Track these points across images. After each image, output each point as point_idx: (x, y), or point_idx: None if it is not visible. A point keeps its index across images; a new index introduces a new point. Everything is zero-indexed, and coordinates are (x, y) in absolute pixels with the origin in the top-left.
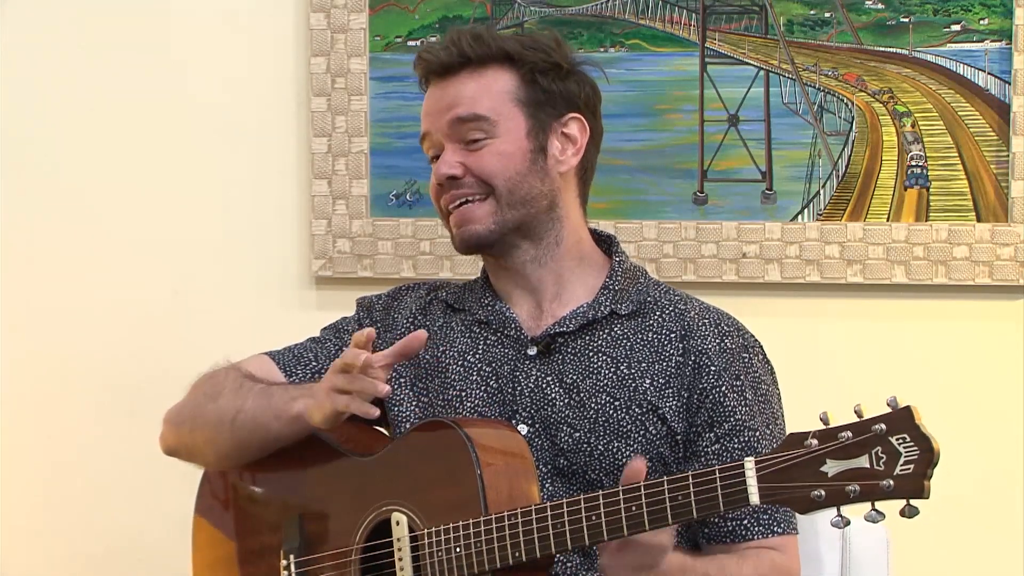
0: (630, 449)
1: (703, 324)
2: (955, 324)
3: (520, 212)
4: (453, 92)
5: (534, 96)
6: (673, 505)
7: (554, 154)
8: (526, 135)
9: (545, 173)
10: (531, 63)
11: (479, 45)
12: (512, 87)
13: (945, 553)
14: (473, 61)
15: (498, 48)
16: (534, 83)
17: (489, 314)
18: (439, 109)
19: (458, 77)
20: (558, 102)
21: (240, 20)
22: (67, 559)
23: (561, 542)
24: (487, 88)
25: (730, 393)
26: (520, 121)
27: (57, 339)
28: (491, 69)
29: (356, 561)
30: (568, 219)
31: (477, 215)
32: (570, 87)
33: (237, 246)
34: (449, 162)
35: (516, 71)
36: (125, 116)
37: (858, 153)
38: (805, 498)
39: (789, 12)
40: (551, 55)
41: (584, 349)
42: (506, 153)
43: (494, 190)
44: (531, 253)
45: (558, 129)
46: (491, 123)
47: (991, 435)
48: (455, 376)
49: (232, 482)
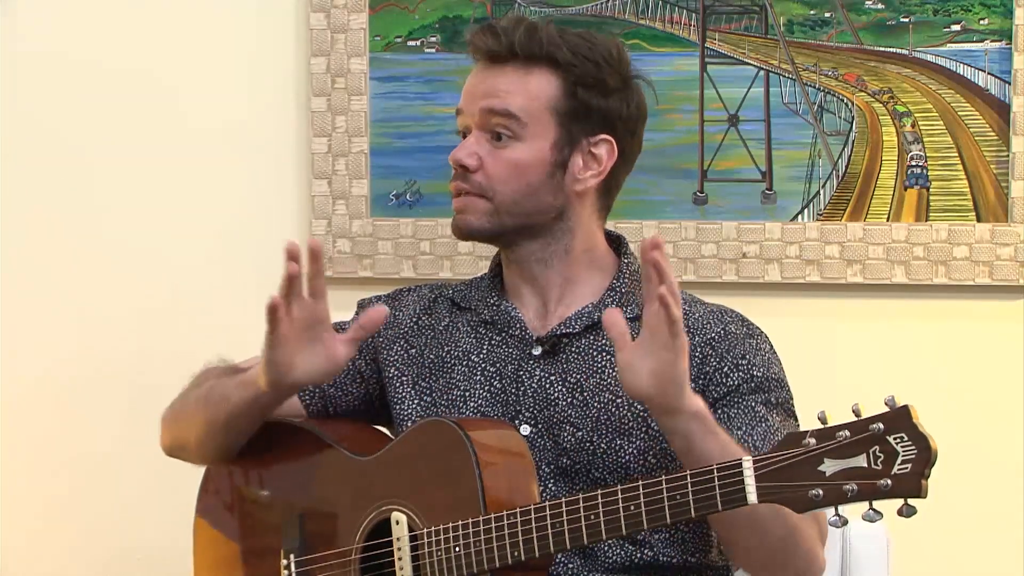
0: (632, 447)
1: (708, 322)
2: (955, 324)
3: (520, 220)
4: (493, 82)
5: (572, 108)
6: (671, 504)
7: (573, 171)
8: (551, 146)
9: (559, 188)
10: (577, 75)
11: (531, 42)
12: (552, 94)
13: (945, 553)
14: (520, 56)
15: (548, 51)
16: (575, 95)
17: (495, 313)
18: (476, 94)
19: (503, 68)
20: (594, 119)
21: (240, 20)
22: (67, 559)
23: (560, 541)
24: (527, 88)
25: (734, 371)
26: (550, 130)
27: (56, 339)
28: (537, 69)
29: (356, 561)
30: (580, 229)
31: (474, 209)
32: (612, 105)
33: (237, 246)
34: (468, 150)
35: (561, 79)
36: (125, 116)
37: (858, 153)
38: (803, 497)
39: (789, 12)
40: (601, 70)
41: (588, 349)
42: (523, 163)
43: (495, 196)
44: (537, 254)
45: (586, 147)
46: (520, 124)
47: (991, 435)
48: (459, 376)
49: (233, 482)
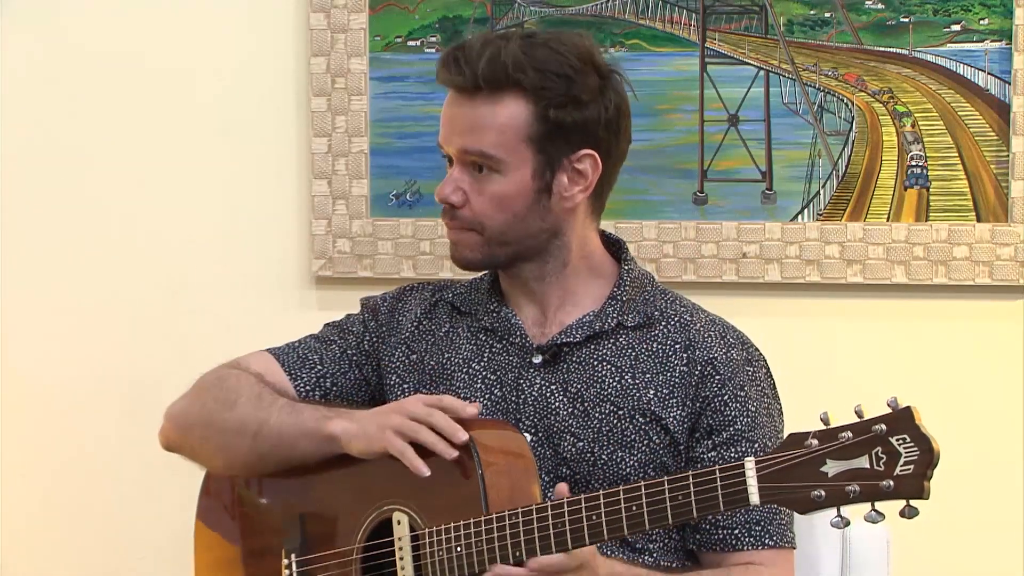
0: (633, 459)
1: (708, 336)
2: (955, 324)
3: (512, 248)
4: (466, 118)
5: (547, 131)
6: (673, 504)
7: (560, 192)
8: (532, 175)
9: (547, 211)
10: (547, 98)
11: (494, 72)
12: (524, 122)
13: (945, 553)
14: (485, 88)
15: (514, 78)
16: (547, 119)
17: (495, 320)
18: (452, 129)
19: (472, 101)
20: (572, 136)
21: (240, 20)
22: (67, 559)
23: (561, 541)
24: (497, 122)
25: (732, 402)
26: (528, 159)
27: (56, 339)
28: (505, 98)
29: (357, 561)
30: (574, 241)
31: (466, 243)
32: (588, 115)
33: (237, 246)
34: (453, 186)
35: (531, 103)
36: (125, 116)
37: (858, 153)
38: (805, 498)
39: (789, 12)
40: (572, 84)
41: (589, 359)
42: (506, 196)
43: (485, 229)
44: (535, 272)
45: (568, 165)
46: (497, 160)
47: (991, 435)
48: (460, 384)
49: (234, 482)
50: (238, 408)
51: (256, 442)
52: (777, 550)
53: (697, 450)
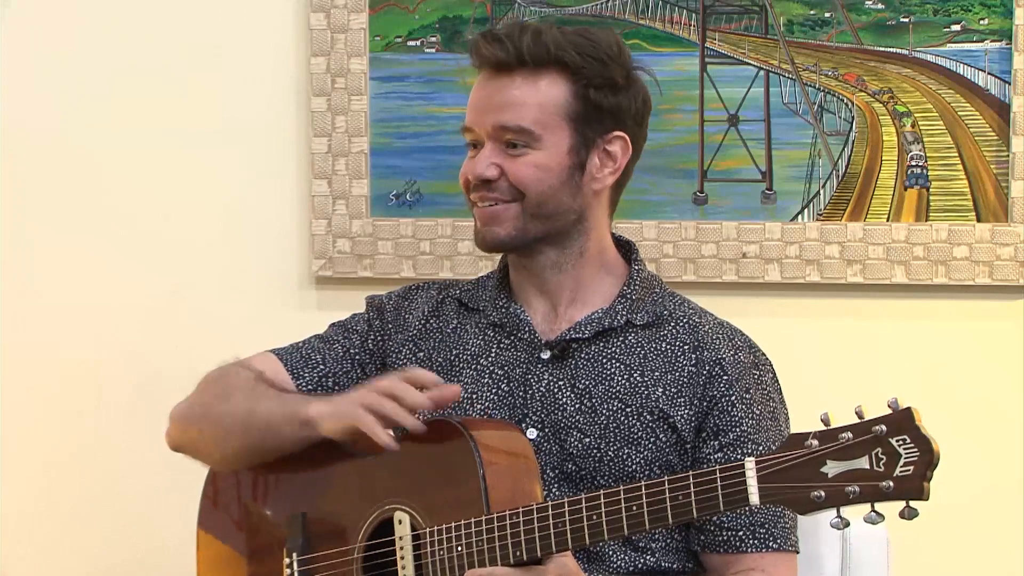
0: (640, 456)
1: (717, 337)
2: (955, 324)
3: (545, 225)
4: (504, 94)
5: (584, 111)
6: (673, 504)
7: (591, 171)
8: (568, 151)
9: (578, 189)
10: (587, 77)
11: (538, 48)
12: (563, 100)
13: (945, 554)
14: (529, 64)
15: (556, 55)
16: (587, 98)
17: (503, 316)
18: (487, 107)
19: (512, 78)
20: (606, 119)
21: (240, 20)
22: (67, 559)
23: (562, 541)
24: (538, 98)
25: (739, 404)
26: (565, 136)
27: (57, 339)
28: (546, 75)
29: (358, 560)
30: (595, 231)
31: (502, 218)
32: (621, 102)
33: (237, 246)
34: (486, 162)
35: (571, 82)
36: (125, 115)
37: (858, 153)
38: (805, 499)
39: (789, 12)
40: (607, 68)
41: (598, 356)
42: (544, 166)
43: (524, 199)
44: (553, 259)
45: (601, 146)
46: (535, 136)
47: (991, 435)
48: (467, 379)
49: (236, 480)
50: (232, 400)
51: (246, 430)
52: (780, 553)
53: (704, 450)
